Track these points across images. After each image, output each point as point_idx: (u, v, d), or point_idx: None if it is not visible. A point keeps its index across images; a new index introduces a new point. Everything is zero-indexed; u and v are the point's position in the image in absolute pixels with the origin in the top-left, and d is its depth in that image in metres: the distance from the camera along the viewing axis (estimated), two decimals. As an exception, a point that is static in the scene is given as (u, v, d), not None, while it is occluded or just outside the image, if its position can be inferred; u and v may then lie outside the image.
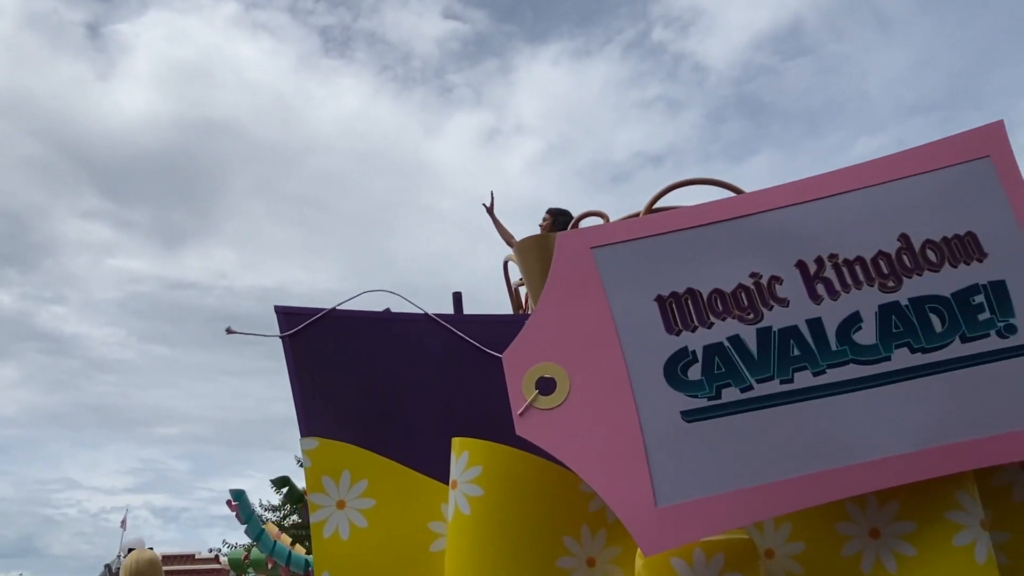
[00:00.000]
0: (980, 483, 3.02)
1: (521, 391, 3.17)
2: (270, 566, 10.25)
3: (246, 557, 11.04)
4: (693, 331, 3.15)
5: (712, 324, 3.15)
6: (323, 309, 3.70)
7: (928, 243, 3.13)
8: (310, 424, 3.51)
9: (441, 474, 3.42)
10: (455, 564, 3.15)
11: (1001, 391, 2.88)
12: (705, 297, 3.20)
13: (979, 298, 3.02)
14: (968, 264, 3.07)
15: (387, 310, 3.93)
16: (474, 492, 3.20)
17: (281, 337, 3.62)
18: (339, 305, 3.72)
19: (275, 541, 9.67)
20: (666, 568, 2.92)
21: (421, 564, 3.33)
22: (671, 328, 3.17)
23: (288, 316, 3.67)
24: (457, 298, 4.31)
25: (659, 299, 3.23)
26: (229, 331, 3.68)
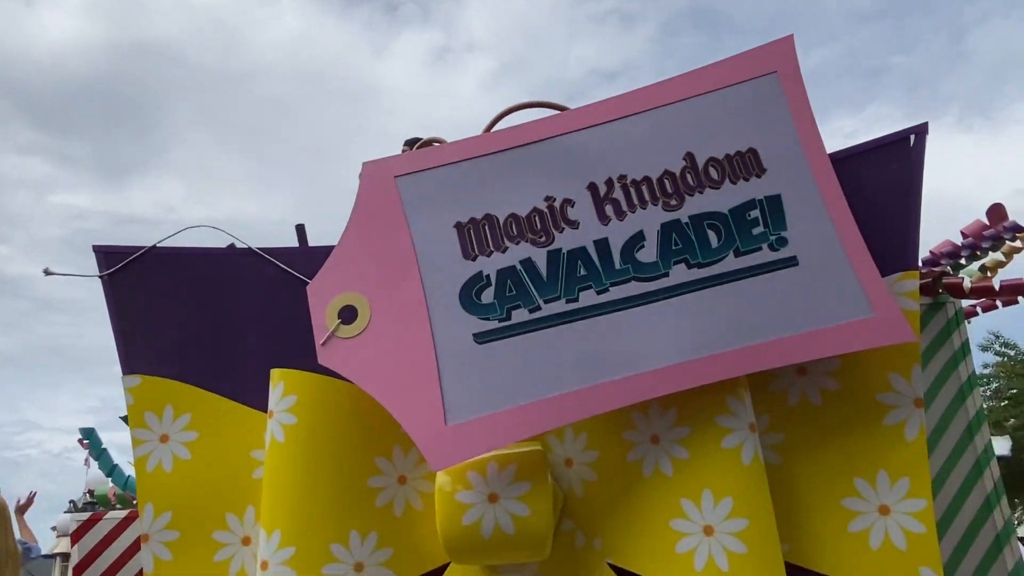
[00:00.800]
0: (759, 389, 3.20)
1: (324, 321, 3.25)
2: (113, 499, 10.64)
3: (112, 492, 11.30)
4: (488, 256, 3.23)
5: (506, 248, 3.23)
6: (143, 247, 3.69)
7: (711, 161, 3.21)
8: (131, 362, 3.55)
9: (266, 406, 3.50)
10: (270, 490, 3.27)
11: (770, 301, 3.02)
12: (501, 222, 3.27)
13: (755, 213, 3.13)
14: (747, 180, 3.17)
15: (231, 246, 3.94)
16: (288, 420, 3.30)
17: (100, 277, 3.62)
18: (160, 242, 3.72)
19: (128, 476, 9.88)
20: (462, 481, 3.07)
21: (244, 490, 3.45)
22: (468, 254, 3.25)
23: (108, 255, 3.66)
24: (300, 230, 4.32)
25: (458, 225, 3.29)
26: (47, 272, 3.66)
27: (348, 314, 3.26)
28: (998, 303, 4.68)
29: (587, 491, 3.21)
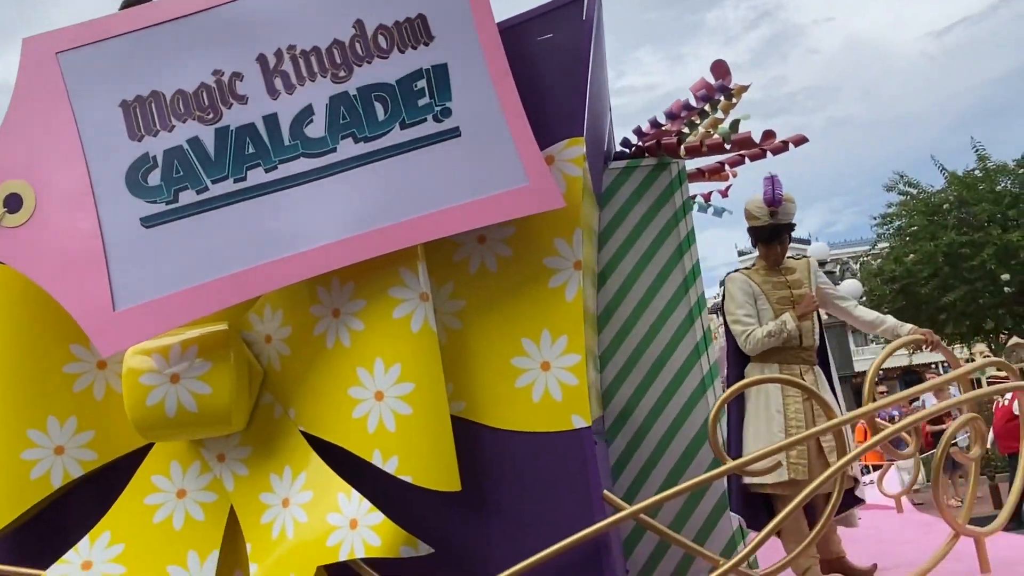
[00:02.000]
0: (444, 259, 3.29)
1: (-11, 210, 3.12)
2: None
3: None
4: (155, 136, 3.13)
5: (173, 127, 3.13)
6: None
7: (381, 28, 3.13)
8: None
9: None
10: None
11: (433, 173, 3.05)
12: (168, 99, 3.15)
13: (421, 83, 3.09)
14: (415, 49, 3.11)
15: None
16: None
17: None
18: None
19: None
20: (147, 363, 3.11)
21: None
22: (134, 134, 3.13)
23: None
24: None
25: (123, 104, 3.15)
26: None
27: (13, 202, 3.14)
28: (767, 152, 4.80)
29: (283, 365, 3.30)
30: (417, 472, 2.97)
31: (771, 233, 4.29)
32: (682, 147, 4.07)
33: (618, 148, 4.48)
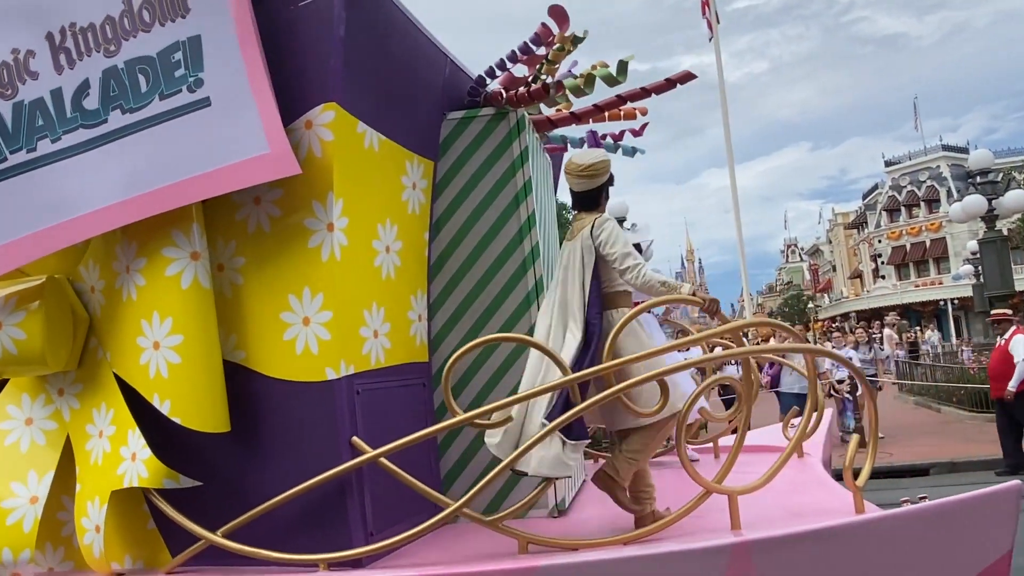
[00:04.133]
0: (227, 219, 3.53)
1: None
2: None
3: None
4: (-33, 109, 3.50)
5: (-20, 102, 3.48)
6: None
7: (145, 3, 3.31)
8: None
9: None
10: None
11: (186, 142, 3.26)
12: (-24, 75, 3.50)
13: (178, 55, 3.27)
14: (174, 22, 3.28)
15: None
16: None
17: None
18: None
19: None
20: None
21: None
22: (-51, 108, 3.52)
23: None
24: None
25: (-61, 80, 3.53)
26: None
27: None
28: (650, 92, 4.67)
29: (101, 313, 3.69)
30: (186, 415, 3.31)
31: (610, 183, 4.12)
32: (504, 96, 4.06)
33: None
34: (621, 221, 13.01)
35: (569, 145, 5.24)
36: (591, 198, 3.69)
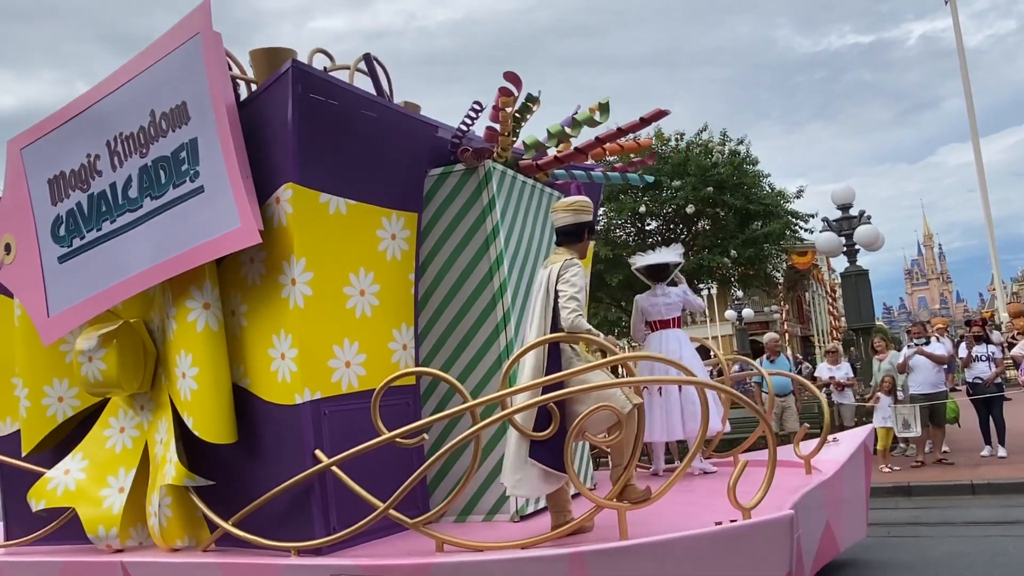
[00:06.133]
0: (234, 274, 4.48)
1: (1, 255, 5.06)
2: None
3: None
4: (63, 201, 4.76)
5: (69, 195, 4.73)
6: None
7: (163, 115, 4.34)
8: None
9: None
10: (20, 350, 5.31)
11: (189, 221, 4.24)
12: (67, 175, 4.74)
13: (183, 154, 4.26)
14: (180, 128, 4.28)
15: None
16: (19, 312, 5.24)
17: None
18: None
19: None
20: (80, 347, 4.83)
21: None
22: (54, 201, 4.80)
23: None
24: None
25: (48, 181, 4.83)
26: None
27: (7, 249, 5.03)
28: (625, 132, 5.12)
29: (160, 348, 4.82)
30: (201, 430, 4.31)
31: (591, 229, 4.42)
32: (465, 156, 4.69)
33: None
34: (848, 207, 12.38)
35: (576, 179, 5.71)
36: (574, 233, 4.18)
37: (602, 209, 16.98)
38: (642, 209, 17.16)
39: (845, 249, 12.72)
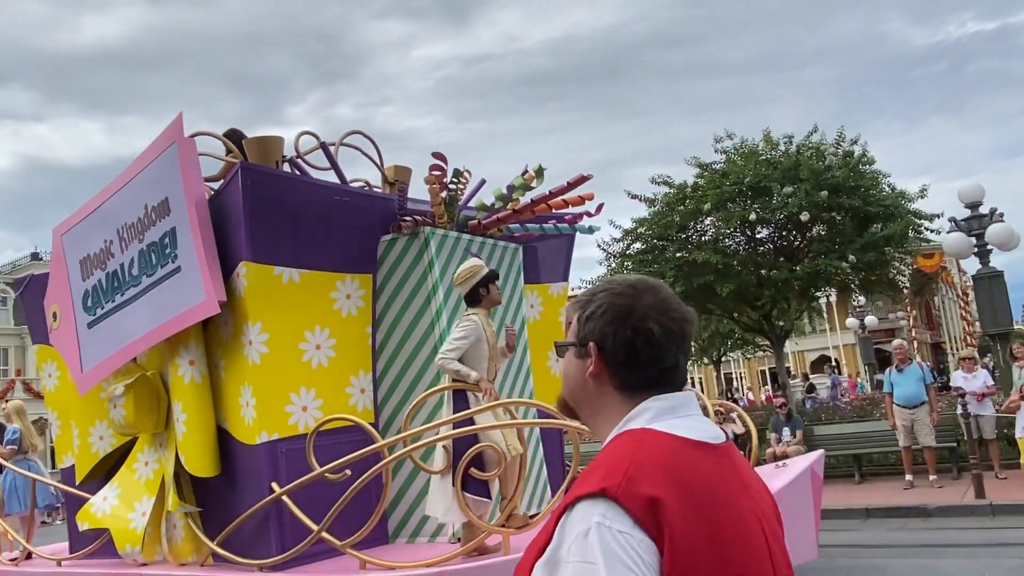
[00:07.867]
0: (216, 335, 5.40)
1: (50, 320, 6.22)
2: None
3: None
4: (89, 278, 5.84)
5: (93, 273, 5.80)
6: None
7: (153, 208, 5.32)
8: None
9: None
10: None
11: (171, 296, 5.19)
12: (92, 257, 5.83)
13: (167, 239, 5.22)
14: (164, 219, 5.24)
15: None
16: (56, 373, 6.40)
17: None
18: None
19: None
20: (108, 393, 5.89)
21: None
22: (84, 278, 5.90)
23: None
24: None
25: (80, 261, 5.93)
26: None
27: (55, 317, 6.17)
28: (555, 195, 5.75)
29: (168, 397, 5.80)
30: (189, 466, 5.24)
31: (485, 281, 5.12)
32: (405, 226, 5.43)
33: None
34: (977, 205, 11.80)
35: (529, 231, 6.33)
36: (470, 296, 4.92)
37: (709, 219, 17.09)
38: (752, 216, 16.54)
39: (976, 250, 12.02)
